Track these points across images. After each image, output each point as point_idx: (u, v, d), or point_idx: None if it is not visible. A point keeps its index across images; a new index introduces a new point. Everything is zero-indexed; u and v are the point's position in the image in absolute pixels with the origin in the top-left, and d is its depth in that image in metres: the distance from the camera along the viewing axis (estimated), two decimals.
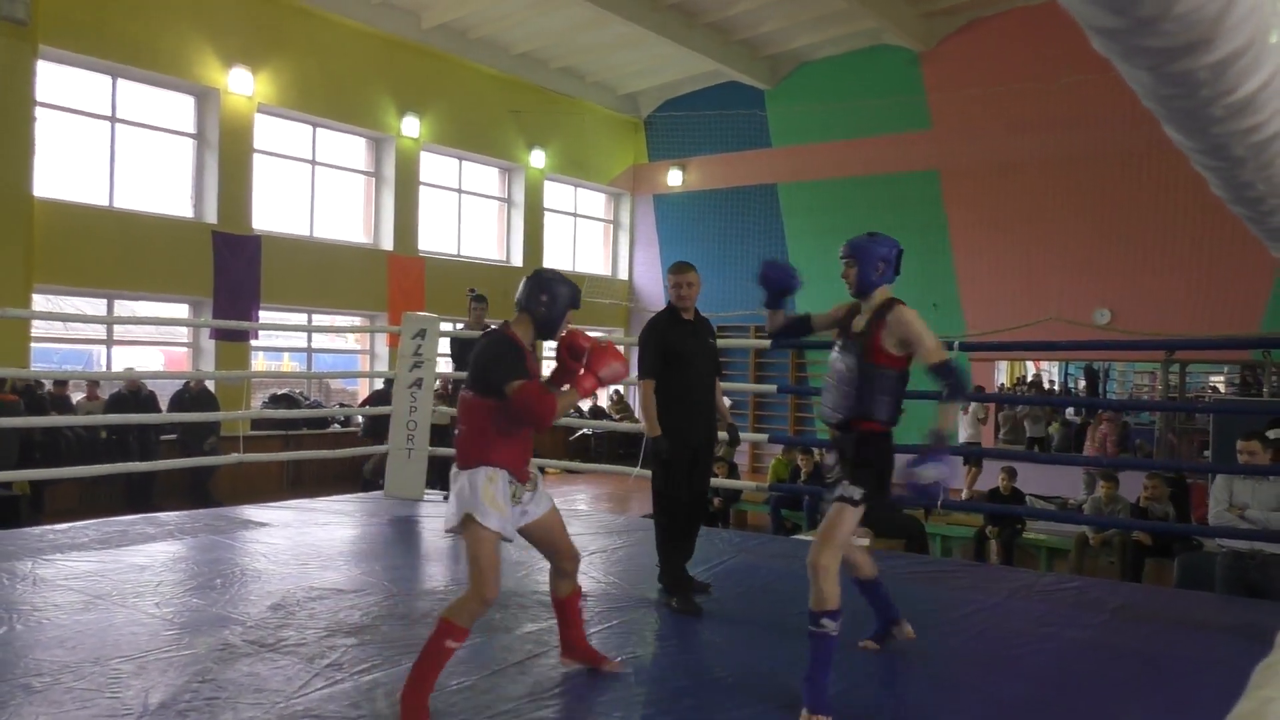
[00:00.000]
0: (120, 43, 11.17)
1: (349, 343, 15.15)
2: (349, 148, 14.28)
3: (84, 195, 11.30)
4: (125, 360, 12.06)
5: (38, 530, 6.31)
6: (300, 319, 13.53)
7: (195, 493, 10.88)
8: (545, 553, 3.56)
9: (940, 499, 3.24)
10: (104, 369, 11.62)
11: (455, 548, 6.41)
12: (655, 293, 18.15)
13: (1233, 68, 0.62)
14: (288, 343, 14.37)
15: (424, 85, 14.61)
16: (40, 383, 10.32)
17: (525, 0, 13.67)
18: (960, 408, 3.20)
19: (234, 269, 12.18)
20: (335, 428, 13.49)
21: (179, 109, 12.22)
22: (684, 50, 14.92)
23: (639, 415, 4.58)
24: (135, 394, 10.79)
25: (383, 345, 14.09)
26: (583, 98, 17.08)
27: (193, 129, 12.31)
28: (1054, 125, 13.28)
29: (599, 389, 3.39)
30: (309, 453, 9.93)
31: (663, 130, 17.96)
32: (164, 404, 11.26)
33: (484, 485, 3.17)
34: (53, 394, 10.44)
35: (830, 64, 15.97)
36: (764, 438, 10.89)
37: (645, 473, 8.14)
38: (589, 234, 18.54)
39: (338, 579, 5.07)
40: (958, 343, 4.94)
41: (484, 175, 16.39)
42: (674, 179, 17.83)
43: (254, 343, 13.05)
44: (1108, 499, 7.93)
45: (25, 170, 10.32)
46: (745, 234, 16.60)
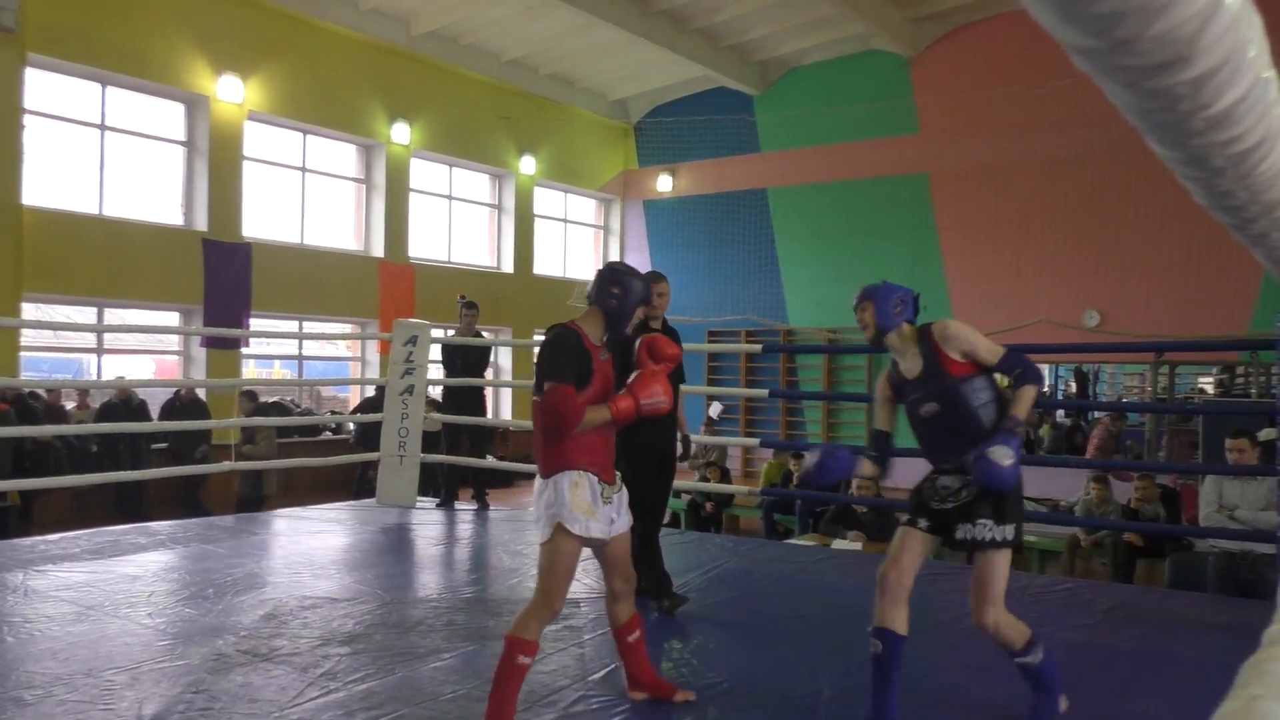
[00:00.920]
0: (109, 50, 11.15)
1: (340, 350, 15.13)
2: (339, 155, 14.27)
3: (73, 203, 11.27)
4: (116, 369, 12.02)
5: (28, 541, 6.29)
6: (291, 326, 13.50)
7: (186, 502, 10.84)
8: (605, 569, 3.31)
9: (1014, 483, 3.01)
10: (94, 378, 11.57)
11: (448, 555, 6.42)
12: None
13: (1210, 83, 0.63)
14: (279, 350, 14.33)
15: (414, 92, 14.61)
16: (35, 393, 10.29)
17: (515, 6, 13.69)
18: (1034, 395, 3.06)
19: (224, 277, 12.16)
20: (326, 435, 13.46)
21: (169, 116, 12.20)
22: (673, 56, 14.96)
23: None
24: (126, 403, 10.75)
25: (374, 352, 14.08)
26: (573, 104, 17.10)
27: (183, 136, 12.29)
28: (1042, 129, 13.35)
29: (634, 416, 3.12)
30: (300, 460, 9.91)
31: (652, 136, 18.00)
32: (155, 412, 11.23)
33: (570, 491, 3.02)
34: (46, 404, 10.39)
35: (819, 69, 16.04)
36: (755, 442, 10.90)
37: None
38: (579, 240, 18.55)
39: (330, 587, 5.06)
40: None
41: (474, 181, 16.39)
42: (664, 184, 17.85)
43: (245, 351, 13.02)
44: (1099, 500, 7.95)
45: (14, 178, 10.28)
46: (736, 239, 16.64)
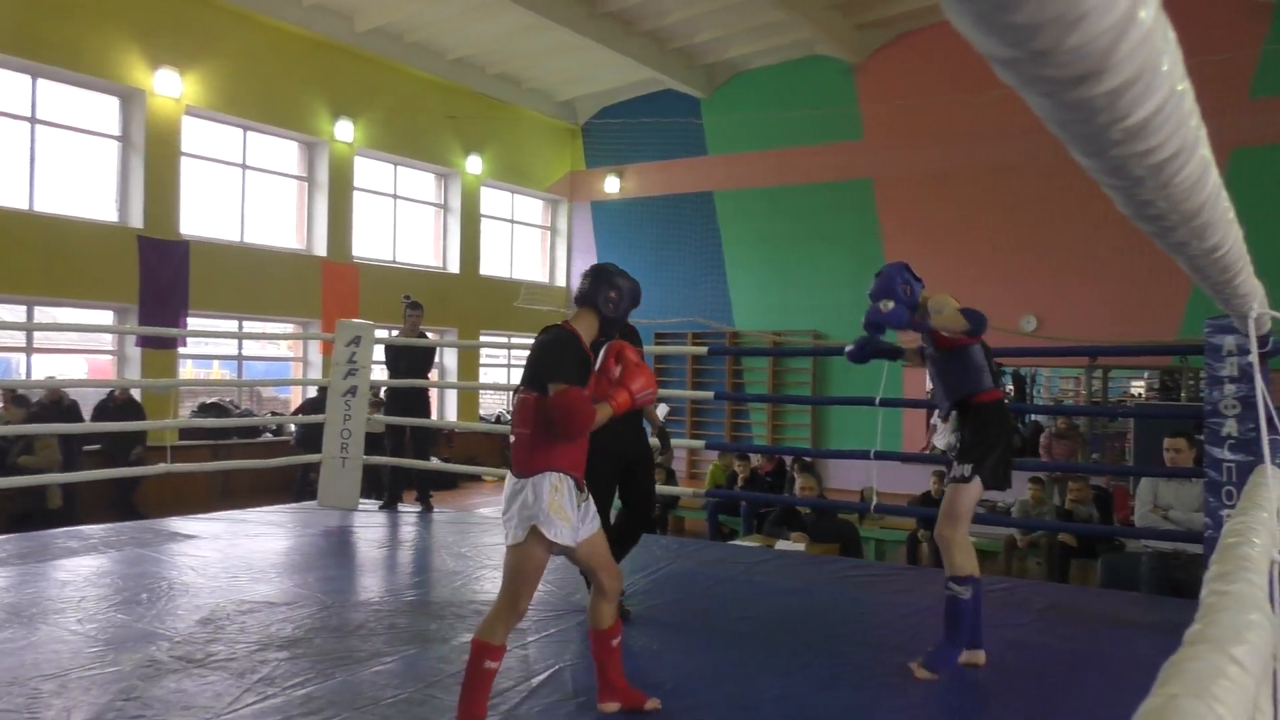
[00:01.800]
0: (41, 42, 10.85)
1: (281, 350, 14.89)
2: (281, 152, 14.05)
3: (3, 199, 10.94)
4: (46, 369, 11.69)
5: None
6: (231, 326, 13.26)
7: (120, 505, 10.58)
8: (586, 569, 3.26)
9: (882, 325, 3.79)
10: (23, 378, 11.25)
11: (391, 557, 6.35)
12: None
13: (1126, 95, 0.65)
14: (217, 350, 14.07)
15: (358, 89, 14.44)
16: None
17: (461, 5, 13.60)
18: (960, 322, 3.81)
19: (161, 275, 11.90)
20: (267, 437, 13.24)
21: (103, 110, 11.91)
22: (621, 58, 14.97)
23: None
24: (57, 404, 10.46)
25: (316, 353, 13.88)
26: (520, 104, 17.03)
27: (117, 131, 12.00)
28: (982, 136, 13.60)
29: (630, 408, 3.14)
30: (239, 462, 9.74)
31: (600, 137, 18.00)
32: (87, 413, 10.94)
33: (549, 494, 2.94)
34: None
35: (765, 73, 16.17)
36: (701, 444, 10.95)
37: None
38: (526, 241, 18.48)
39: (269, 591, 4.98)
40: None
41: (420, 181, 16.24)
42: (611, 186, 17.86)
43: (182, 350, 12.76)
44: (1035, 502, 8.12)
45: None
46: (682, 241, 16.71)
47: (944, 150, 14.23)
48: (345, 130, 14.20)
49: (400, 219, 15.83)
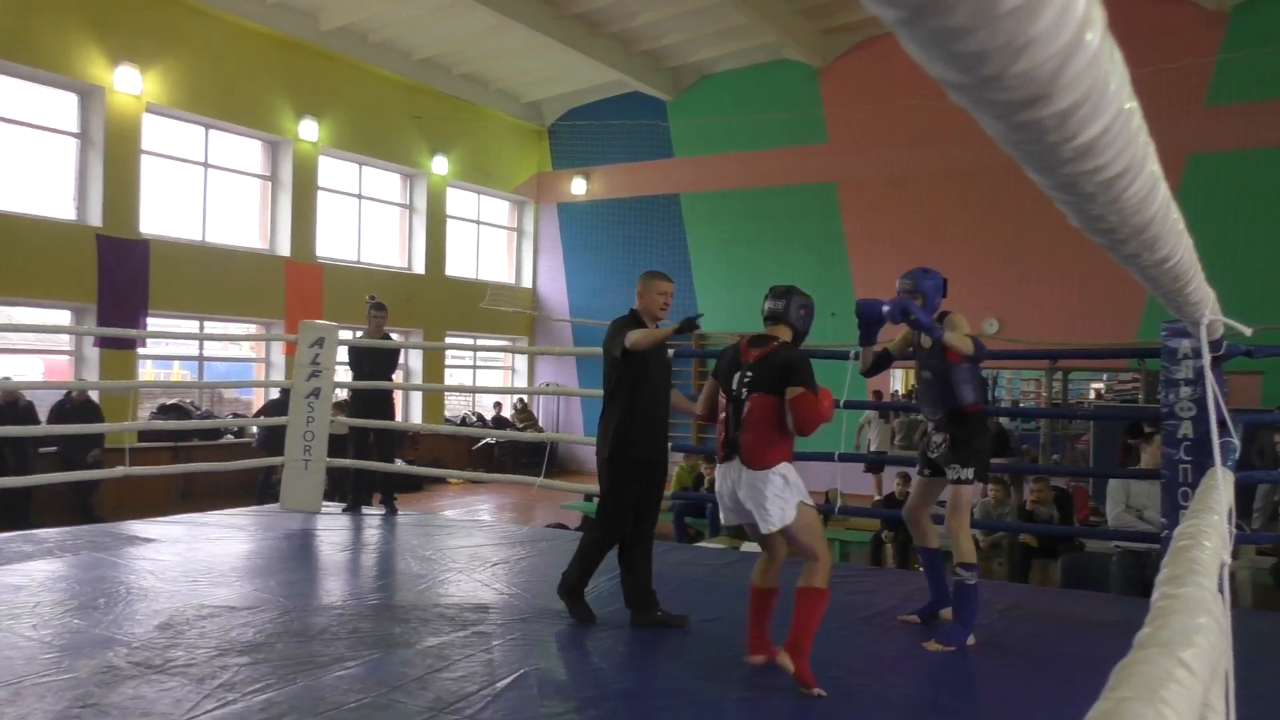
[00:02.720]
0: None
1: (243, 351, 14.73)
2: (244, 150, 13.89)
3: None
4: (2, 369, 11.48)
5: None
6: (192, 326, 13.10)
7: (77, 508, 10.40)
8: (778, 546, 3.84)
9: (882, 318, 4.25)
10: None
11: (354, 561, 6.30)
12: (559, 301, 18.14)
13: (1074, 116, 0.67)
14: (178, 351, 13.89)
15: (323, 88, 14.32)
16: None
17: (427, 5, 13.53)
18: (958, 344, 4.25)
19: (120, 274, 11.72)
20: (228, 439, 13.09)
21: (61, 107, 11.72)
22: (587, 59, 14.98)
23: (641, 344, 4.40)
24: (12, 405, 10.27)
25: (279, 354, 13.74)
26: (486, 105, 16.97)
27: (76, 128, 11.82)
28: (944, 141, 13.74)
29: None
30: (200, 465, 9.61)
31: (566, 139, 17.99)
32: (44, 415, 10.75)
33: (796, 476, 3.66)
34: None
35: (731, 77, 16.24)
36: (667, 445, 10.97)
37: (549, 482, 8.15)
38: (492, 242, 18.42)
39: (230, 596, 4.93)
40: (853, 352, 5.11)
41: (385, 181, 16.13)
42: (578, 188, 17.85)
43: (141, 351, 12.58)
44: (996, 502, 8.21)
45: None
46: (649, 243, 16.73)
47: (906, 154, 14.37)
48: (309, 129, 14.07)
49: (365, 219, 15.72)
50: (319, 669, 3.76)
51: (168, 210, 12.80)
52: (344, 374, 8.34)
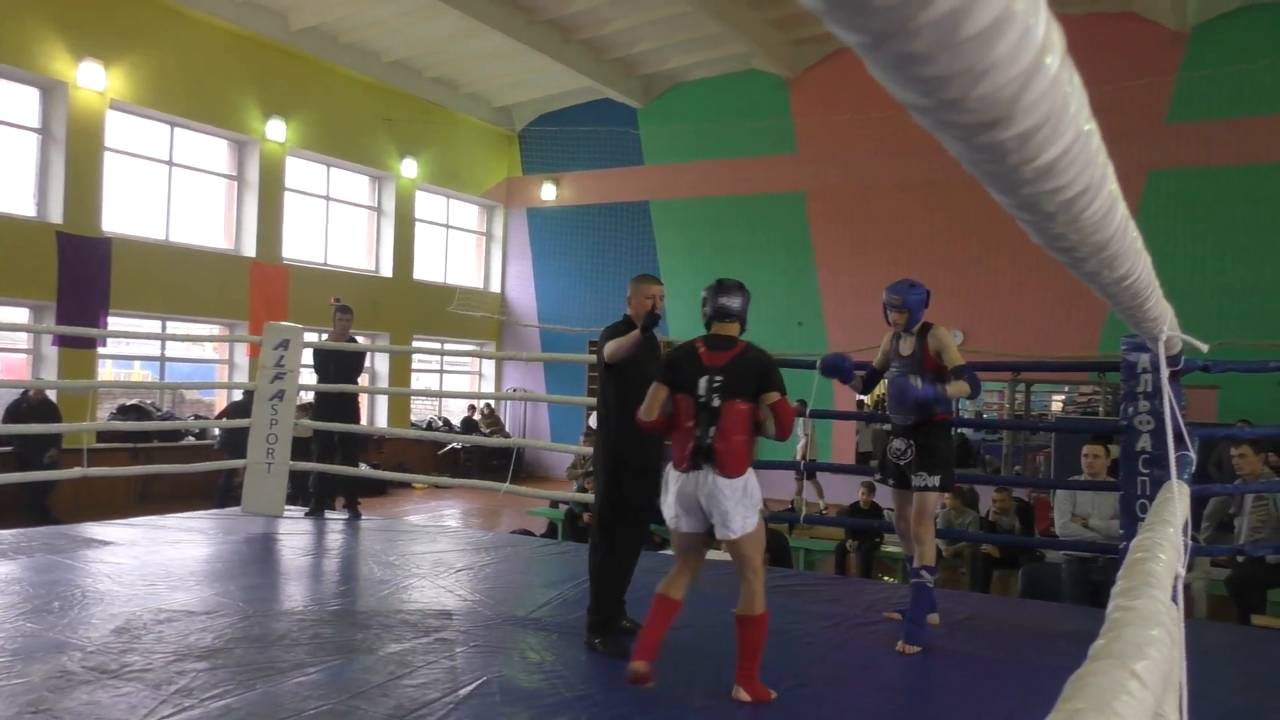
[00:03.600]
0: None
1: (206, 352, 14.55)
2: (210, 149, 13.74)
3: None
4: None
5: None
6: (154, 326, 12.92)
7: (32, 509, 10.22)
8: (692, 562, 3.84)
9: (913, 399, 4.46)
10: None
11: (317, 566, 6.25)
12: (527, 306, 18.10)
13: (1034, 138, 0.68)
14: (139, 351, 13.69)
15: (291, 88, 14.20)
16: None
17: (398, 7, 13.47)
18: (966, 391, 4.52)
19: (81, 272, 11.55)
20: (189, 440, 12.92)
21: (22, 102, 11.53)
22: (559, 65, 14.99)
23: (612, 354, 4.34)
24: None
25: (242, 355, 13.59)
26: (456, 108, 16.91)
27: (37, 124, 11.63)
28: (911, 152, 13.87)
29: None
30: (160, 467, 9.48)
31: (537, 144, 17.97)
32: None
33: (756, 482, 3.64)
34: None
35: (702, 85, 16.31)
36: None
37: (515, 488, 8.12)
38: (461, 246, 18.35)
39: (189, 600, 4.86)
40: (820, 360, 5.16)
41: (353, 183, 16.03)
42: (548, 193, 17.84)
43: (102, 350, 12.39)
44: (957, 513, 8.29)
45: None
46: (618, 249, 16.74)
47: (875, 165, 14.50)
48: (277, 130, 13.95)
49: (332, 221, 15.60)
50: (279, 675, 3.72)
51: (131, 209, 12.63)
52: (309, 376, 8.27)
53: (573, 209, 17.59)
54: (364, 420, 11.78)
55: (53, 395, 10.97)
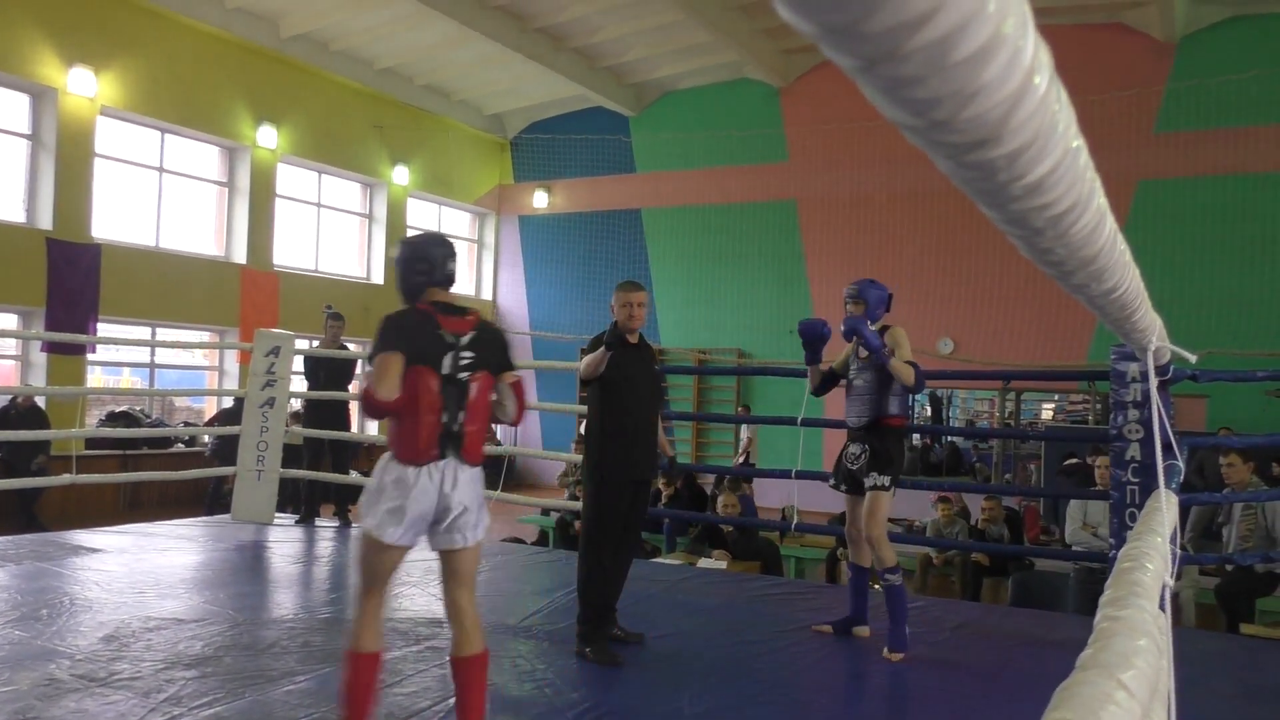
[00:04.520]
0: None
1: (196, 359, 14.50)
2: (200, 156, 13.71)
3: None
4: None
5: None
6: (144, 333, 12.87)
7: (20, 516, 10.17)
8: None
9: (824, 336, 4.71)
10: None
11: (307, 573, 6.23)
12: (519, 313, 18.09)
13: (1023, 157, 0.70)
14: (129, 357, 13.64)
15: (282, 95, 14.19)
16: None
17: (389, 14, 13.48)
18: (909, 374, 4.49)
19: (70, 278, 11.51)
20: (179, 447, 12.87)
21: (12, 108, 11.49)
22: (550, 73, 15.00)
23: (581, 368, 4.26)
24: None
25: (233, 362, 13.55)
26: (448, 116, 16.92)
27: (27, 129, 11.60)
28: (901, 161, 13.93)
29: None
30: (149, 474, 9.44)
31: (529, 152, 17.98)
32: None
33: None
34: None
35: (694, 94, 16.36)
36: None
37: (506, 496, 8.10)
38: None
39: (178, 608, 4.85)
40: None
41: (345, 190, 16.01)
42: (539, 201, 17.85)
43: (91, 357, 12.33)
44: (946, 521, 8.31)
45: None
46: (609, 257, 16.76)
47: (866, 174, 14.56)
48: (268, 136, 13.93)
49: (324, 228, 15.58)
50: (268, 683, 3.71)
51: (121, 215, 12.59)
52: (299, 384, 8.26)
53: (564, 216, 17.61)
54: (354, 427, 11.74)
55: (41, 401, 10.92)
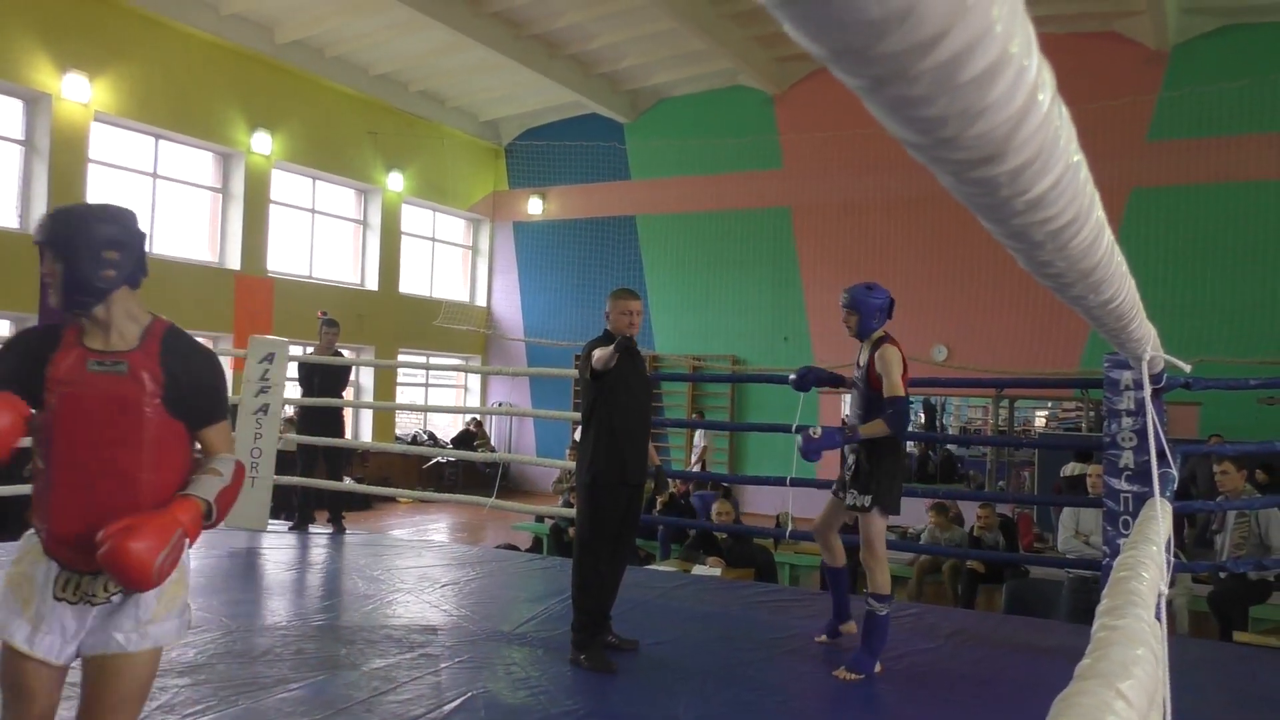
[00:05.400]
0: None
1: None
2: (195, 162, 13.70)
3: None
4: None
5: None
6: None
7: (11, 524, 10.11)
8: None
9: (814, 456, 4.21)
10: None
11: (300, 580, 6.21)
12: (513, 320, 18.09)
13: (1026, 173, 0.70)
14: None
15: (277, 101, 14.18)
16: None
17: (384, 21, 13.48)
18: (884, 431, 4.25)
19: None
20: None
21: (6, 113, 11.47)
22: (545, 80, 15.02)
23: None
24: None
25: (226, 368, 13.52)
26: (443, 122, 16.93)
27: (21, 135, 11.58)
28: (895, 168, 13.96)
29: None
30: None
31: (523, 158, 18.00)
32: None
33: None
34: None
35: (688, 101, 16.39)
36: None
37: (500, 503, 8.10)
38: (447, 259, 18.33)
39: None
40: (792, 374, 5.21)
41: (339, 196, 16.00)
42: (534, 207, 17.86)
43: None
44: (940, 528, 8.32)
45: None
46: (604, 264, 16.76)
47: (860, 181, 14.59)
48: (263, 142, 13.92)
49: (318, 234, 15.56)
50: (262, 691, 3.70)
51: None
52: (293, 390, 8.25)
53: (559, 223, 17.61)
54: (348, 434, 11.73)
55: None
